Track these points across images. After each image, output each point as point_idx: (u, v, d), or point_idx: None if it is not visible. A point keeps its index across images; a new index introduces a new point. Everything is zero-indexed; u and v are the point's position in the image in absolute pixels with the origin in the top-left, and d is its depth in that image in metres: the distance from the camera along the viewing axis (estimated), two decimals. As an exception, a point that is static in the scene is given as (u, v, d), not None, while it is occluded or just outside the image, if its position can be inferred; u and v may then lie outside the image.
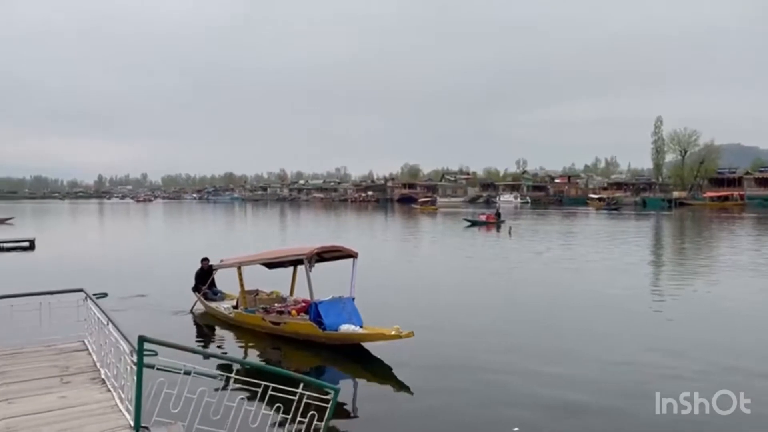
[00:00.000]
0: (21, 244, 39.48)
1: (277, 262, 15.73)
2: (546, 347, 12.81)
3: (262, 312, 14.28)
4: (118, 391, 6.45)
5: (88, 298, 8.55)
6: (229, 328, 14.88)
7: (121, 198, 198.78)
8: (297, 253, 14.27)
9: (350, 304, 13.04)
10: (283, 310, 14.01)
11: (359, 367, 11.69)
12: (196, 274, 17.44)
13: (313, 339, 12.65)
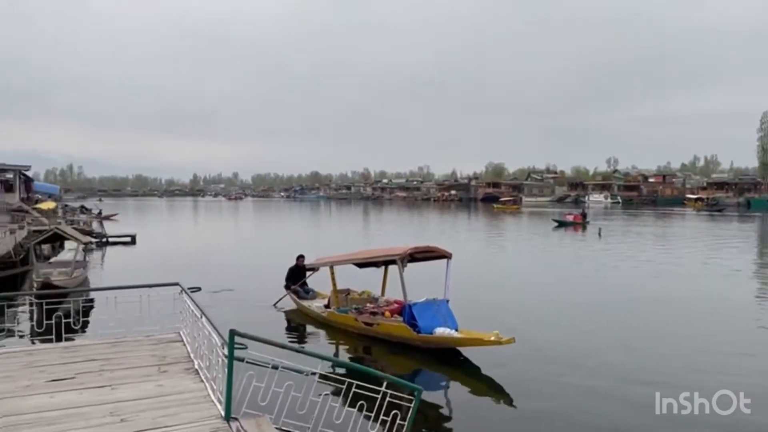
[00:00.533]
0: (124, 238, 42.18)
1: (370, 262, 15.62)
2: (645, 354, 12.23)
3: (355, 312, 14.22)
4: (210, 382, 6.68)
5: (183, 292, 8.93)
6: (320, 326, 15.03)
7: (214, 196, 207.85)
8: (390, 253, 14.16)
9: (444, 307, 12.74)
10: (376, 311, 13.89)
11: (453, 370, 11.51)
12: (289, 271, 17.67)
13: (406, 341, 12.46)
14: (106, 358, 7.83)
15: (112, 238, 41.84)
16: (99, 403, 6.17)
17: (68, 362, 7.66)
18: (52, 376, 7.07)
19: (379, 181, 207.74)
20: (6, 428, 5.53)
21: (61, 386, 6.72)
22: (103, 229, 44.71)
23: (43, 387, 6.69)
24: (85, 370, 7.30)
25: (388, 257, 14.25)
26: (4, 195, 54.61)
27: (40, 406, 6.08)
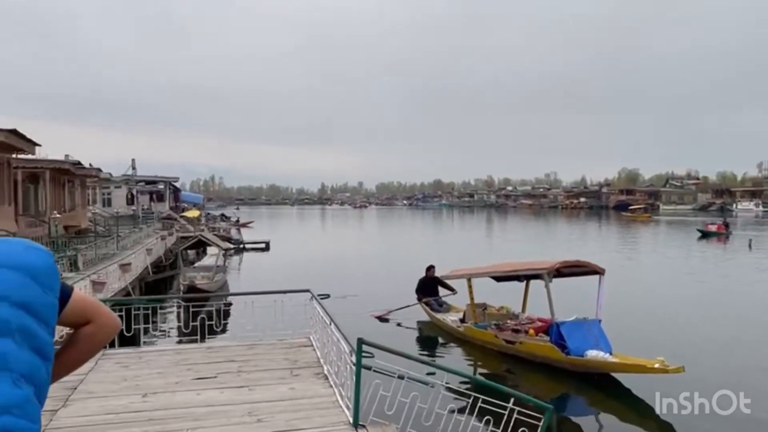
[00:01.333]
0: (259, 245, 44.82)
1: (511, 275, 14.87)
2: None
3: (495, 329, 13.56)
4: (338, 388, 6.90)
5: (313, 298, 9.31)
6: (455, 340, 14.69)
7: (340, 204, 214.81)
8: (535, 267, 13.53)
9: (596, 327, 11.81)
10: (518, 329, 13.15)
11: (605, 396, 10.67)
12: (420, 282, 17.22)
13: (552, 363, 11.73)
14: (244, 359, 8.34)
15: (248, 245, 44.61)
16: (238, 403, 6.58)
17: (211, 362, 8.25)
18: (198, 374, 7.65)
19: (503, 188, 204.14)
20: (159, 420, 6.05)
21: (205, 384, 7.25)
22: (240, 236, 47.81)
23: (190, 384, 7.26)
24: (225, 371, 7.81)
25: (533, 271, 13.58)
26: (156, 204, 60.17)
27: (187, 402, 6.59)
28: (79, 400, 6.68)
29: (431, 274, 17.26)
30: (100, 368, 7.96)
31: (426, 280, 17.22)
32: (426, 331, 16.09)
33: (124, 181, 56.13)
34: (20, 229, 23.48)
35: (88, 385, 7.20)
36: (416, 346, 14.77)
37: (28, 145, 22.79)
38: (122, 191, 55.39)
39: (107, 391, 7.02)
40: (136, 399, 6.70)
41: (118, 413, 6.25)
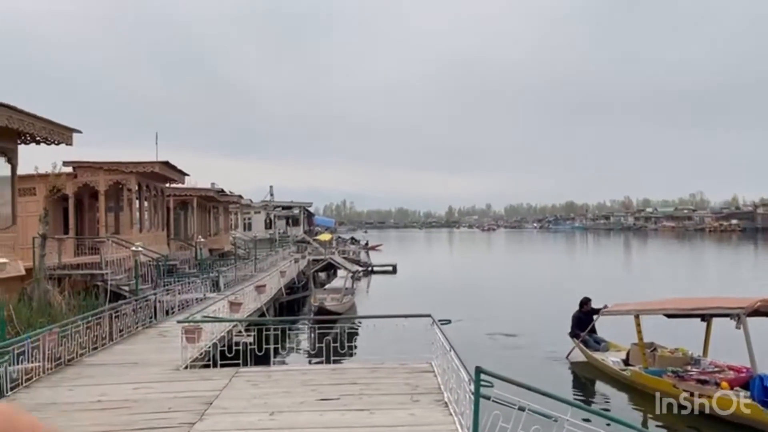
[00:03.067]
0: (387, 267, 45.59)
1: (691, 313, 12.63)
2: None
3: (673, 377, 11.46)
4: (458, 417, 6.77)
5: (434, 324, 9.28)
6: (617, 385, 12.94)
7: (468, 227, 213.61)
8: (729, 305, 11.46)
9: None
10: (706, 379, 10.99)
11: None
12: (575, 319, 15.61)
13: (755, 426, 9.71)
14: (365, 382, 8.46)
15: (376, 267, 45.52)
16: (359, 426, 6.67)
17: (335, 383, 8.46)
18: (322, 395, 7.87)
19: (642, 210, 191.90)
20: (283, 439, 6.29)
21: (329, 405, 7.43)
22: (368, 259, 48.95)
23: (314, 405, 7.48)
24: (348, 393, 7.97)
25: (724, 309, 11.43)
26: (291, 228, 63.41)
27: (311, 422, 6.79)
28: (214, 415, 7.12)
29: (587, 309, 15.49)
30: (233, 385, 8.45)
31: (580, 315, 15.47)
32: (580, 371, 14.42)
33: (262, 207, 59.78)
34: (171, 252, 25.75)
35: (222, 401, 7.66)
36: (574, 391, 13.10)
37: (178, 175, 25.07)
38: (261, 216, 58.96)
39: (238, 407, 7.42)
40: (264, 417, 7.01)
41: (246, 430, 6.59)
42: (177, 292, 16.23)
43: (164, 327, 13.53)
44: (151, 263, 20.12)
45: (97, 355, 10.71)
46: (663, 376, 11.61)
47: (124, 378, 9.05)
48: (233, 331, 12.27)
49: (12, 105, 11.22)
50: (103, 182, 21.16)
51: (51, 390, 8.40)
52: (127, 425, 6.82)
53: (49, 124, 12.75)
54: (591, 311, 15.37)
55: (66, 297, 16.09)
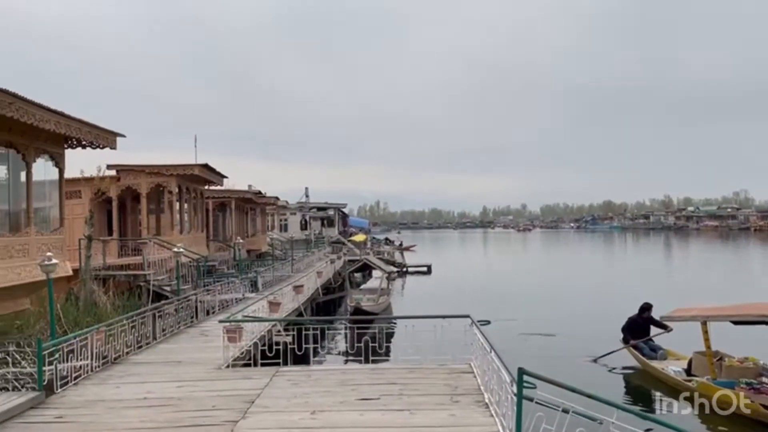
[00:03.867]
0: (421, 268, 45.52)
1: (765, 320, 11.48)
2: None
3: (748, 389, 10.69)
4: (500, 418, 6.71)
5: (473, 324, 9.22)
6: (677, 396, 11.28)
7: (503, 227, 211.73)
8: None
9: None
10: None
11: None
12: (629, 322, 14.81)
13: None
14: (404, 382, 8.46)
15: (411, 268, 45.50)
16: (399, 426, 6.67)
17: (374, 383, 8.48)
18: (362, 395, 7.90)
19: (684, 208, 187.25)
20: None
21: (369, 405, 7.45)
22: (403, 259, 48.95)
23: (355, 404, 7.51)
24: (387, 393, 7.98)
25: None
26: (326, 229, 63.84)
27: (351, 422, 6.82)
28: (257, 413, 7.22)
29: (647, 316, 14.64)
30: (274, 384, 8.55)
31: (637, 320, 14.73)
32: (634, 380, 13.76)
33: (298, 208, 60.37)
34: (210, 253, 26.20)
35: (263, 400, 7.76)
36: (625, 398, 12.35)
37: (217, 177, 25.47)
38: (297, 217, 59.54)
39: (280, 406, 7.50)
40: (305, 416, 7.08)
41: (289, 428, 6.65)
42: (217, 292, 16.50)
43: (205, 326, 13.77)
44: (192, 264, 20.51)
45: (142, 354, 10.96)
46: (735, 388, 10.74)
47: (168, 376, 9.24)
48: (273, 331, 12.43)
49: (60, 110, 11.57)
50: (145, 185, 21.64)
51: (99, 387, 8.63)
52: (172, 422, 6.96)
53: (95, 129, 13.10)
54: (651, 320, 14.50)
55: (110, 297, 16.54)
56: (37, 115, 10.77)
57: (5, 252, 11.53)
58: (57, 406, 7.69)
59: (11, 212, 12.63)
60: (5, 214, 12.42)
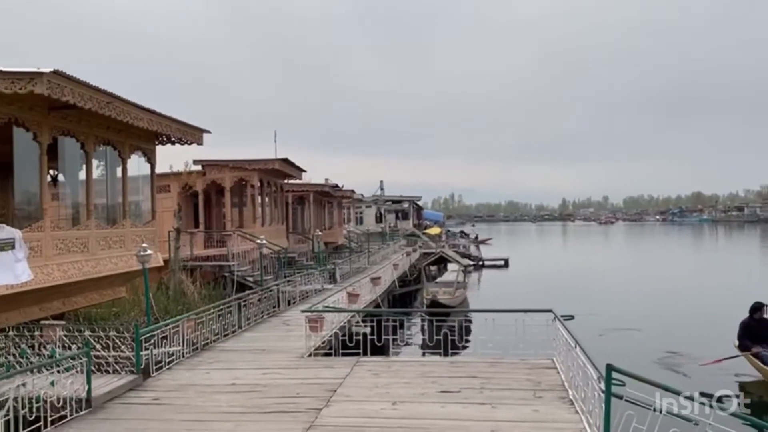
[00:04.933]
0: (498, 262, 44.87)
1: None
2: None
3: None
4: (586, 415, 6.53)
5: (556, 319, 8.99)
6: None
7: (583, 220, 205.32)
8: None
9: None
10: None
11: None
12: (743, 327, 13.31)
13: None
14: (486, 376, 8.37)
15: (487, 261, 44.93)
16: (481, 419, 6.62)
17: (454, 376, 8.44)
18: (442, 387, 7.88)
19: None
20: (408, 428, 6.37)
21: (449, 398, 7.43)
22: (479, 253, 48.43)
23: (435, 396, 7.51)
24: (468, 386, 7.93)
25: None
26: (401, 222, 64.06)
27: (432, 414, 6.83)
28: (339, 402, 7.36)
29: (760, 316, 13.23)
30: (355, 374, 8.67)
31: (751, 323, 13.24)
32: (757, 391, 12.18)
33: (373, 201, 60.83)
34: (289, 245, 26.88)
35: (345, 389, 7.89)
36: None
37: (296, 171, 26.09)
38: (372, 210, 60.04)
39: (362, 396, 7.61)
40: (387, 406, 7.14)
41: (371, 417, 6.74)
42: (297, 283, 16.90)
43: (287, 316, 14.15)
44: (273, 256, 21.12)
45: (228, 342, 11.40)
46: None
47: (253, 363, 9.57)
48: (351, 322, 12.61)
49: (151, 108, 12.15)
50: (229, 179, 22.46)
51: (190, 372, 9.05)
52: (259, 407, 7.21)
53: (183, 126, 13.68)
54: (763, 319, 13.08)
55: (197, 286, 17.31)
56: (132, 114, 11.35)
57: (104, 243, 12.25)
58: (153, 389, 8.14)
59: (109, 206, 13.40)
60: (103, 208, 13.19)
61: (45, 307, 11.26)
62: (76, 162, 12.47)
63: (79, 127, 11.49)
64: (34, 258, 10.11)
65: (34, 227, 10.38)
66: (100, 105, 10.31)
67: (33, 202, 11.76)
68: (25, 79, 8.85)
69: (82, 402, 7.11)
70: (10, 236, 9.55)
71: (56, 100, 9.44)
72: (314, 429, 6.42)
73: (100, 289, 12.97)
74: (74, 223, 12.17)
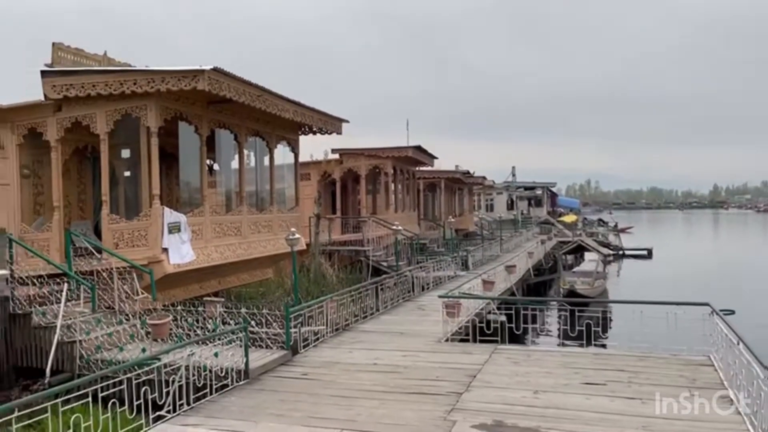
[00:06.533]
0: (640, 252, 42.30)
1: None
2: None
3: None
4: (749, 417, 6.03)
5: (714, 314, 8.34)
6: None
7: (738, 208, 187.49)
8: None
9: None
10: None
11: None
12: None
13: None
14: (634, 370, 7.98)
15: (628, 251, 42.51)
16: (630, 414, 6.33)
17: (599, 368, 8.13)
18: (586, 379, 7.62)
19: None
20: (551, 418, 6.25)
21: (594, 390, 7.18)
22: (619, 242, 45.92)
23: (579, 388, 7.28)
24: (614, 379, 7.60)
25: None
26: (533, 209, 62.36)
27: (577, 405, 6.63)
28: (479, 387, 7.38)
29: None
30: (494, 361, 8.63)
31: None
32: None
33: (504, 188, 59.67)
34: (421, 231, 27.18)
35: (485, 375, 7.89)
36: None
37: (428, 158, 26.25)
38: (503, 197, 58.94)
39: (502, 383, 7.57)
40: (528, 394, 7.05)
41: (512, 405, 6.69)
42: (431, 269, 17.07)
43: (421, 301, 14.36)
44: (406, 242, 21.50)
45: (367, 324, 11.79)
46: None
47: (392, 345, 9.84)
48: (486, 309, 12.53)
49: (296, 100, 12.82)
50: (364, 167, 23.12)
51: (333, 351, 9.49)
52: (401, 387, 7.41)
53: (324, 116, 14.28)
54: None
55: (335, 270, 18.08)
56: (279, 106, 12.05)
57: (254, 227, 13.16)
58: (302, 365, 8.65)
59: (258, 193, 14.35)
60: (253, 195, 14.14)
61: (204, 286, 12.36)
62: (230, 152, 13.47)
63: (233, 119, 12.41)
64: (196, 240, 11.12)
65: (196, 212, 11.40)
66: (251, 98, 11.06)
67: (193, 189, 12.88)
68: (189, 76, 9.70)
69: (240, 373, 7.73)
70: (177, 220, 10.57)
71: (214, 95, 10.26)
72: (456, 412, 6.49)
73: (250, 270, 13.98)
74: (227, 209, 13.19)
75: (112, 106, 10.52)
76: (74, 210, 12.43)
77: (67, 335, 8.57)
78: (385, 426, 6.18)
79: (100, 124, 10.66)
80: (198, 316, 9.45)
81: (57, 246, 10.85)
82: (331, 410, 6.68)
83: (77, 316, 9.03)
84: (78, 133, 11.27)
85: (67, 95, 10.43)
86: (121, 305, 9.74)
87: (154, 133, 10.39)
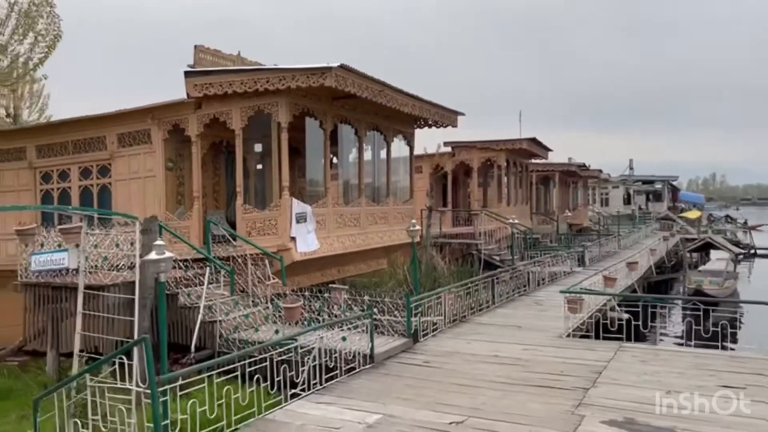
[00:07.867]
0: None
1: None
2: None
3: None
4: None
5: None
6: None
7: None
8: None
9: None
10: None
11: None
12: None
13: None
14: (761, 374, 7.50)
15: (760, 250, 39.30)
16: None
17: (737, 371, 7.69)
18: (722, 381, 7.25)
19: None
20: (686, 419, 6.03)
21: (732, 393, 6.80)
22: (750, 240, 42.49)
23: (714, 390, 6.93)
24: (754, 383, 7.18)
25: None
26: (652, 204, 59.04)
27: (715, 408, 6.34)
28: (606, 384, 7.23)
29: None
30: (620, 359, 8.40)
31: None
32: None
33: (621, 182, 56.96)
34: (533, 225, 26.62)
35: (611, 372, 7.71)
36: None
37: (543, 150, 25.67)
38: (619, 191, 56.29)
39: (629, 381, 7.36)
40: (659, 394, 6.81)
41: (642, 403, 6.50)
42: (547, 264, 16.74)
43: (538, 296, 14.16)
44: (518, 236, 21.19)
45: (483, 316, 11.82)
46: None
47: (511, 339, 9.82)
48: (608, 306, 12.14)
49: (414, 94, 13.03)
50: (477, 160, 23.03)
51: (452, 341, 9.63)
52: (525, 380, 7.43)
53: (441, 109, 14.40)
54: None
55: (446, 262, 18.19)
56: (398, 100, 12.33)
57: (372, 219, 13.57)
58: (423, 353, 8.87)
59: (374, 185, 14.76)
60: (370, 187, 14.57)
61: (325, 273, 12.93)
62: (349, 146, 13.95)
63: (354, 114, 12.85)
64: (320, 230, 11.66)
65: (320, 203, 11.95)
66: (373, 93, 11.41)
67: (315, 182, 13.48)
68: (318, 73, 10.18)
69: (366, 357, 8.07)
70: (303, 210, 11.15)
71: (340, 91, 10.70)
72: (584, 407, 6.42)
73: (367, 260, 14.42)
74: (346, 201, 13.69)
75: (246, 102, 11.25)
76: (209, 200, 13.42)
77: (209, 315, 9.33)
78: (511, 416, 6.23)
79: (235, 120, 11.43)
80: (324, 302, 9.95)
81: (197, 233, 11.78)
82: (455, 398, 6.82)
83: (217, 298, 9.78)
84: (215, 128, 12.15)
85: (206, 93, 11.26)
86: (253, 289, 10.44)
87: (284, 128, 11.00)
